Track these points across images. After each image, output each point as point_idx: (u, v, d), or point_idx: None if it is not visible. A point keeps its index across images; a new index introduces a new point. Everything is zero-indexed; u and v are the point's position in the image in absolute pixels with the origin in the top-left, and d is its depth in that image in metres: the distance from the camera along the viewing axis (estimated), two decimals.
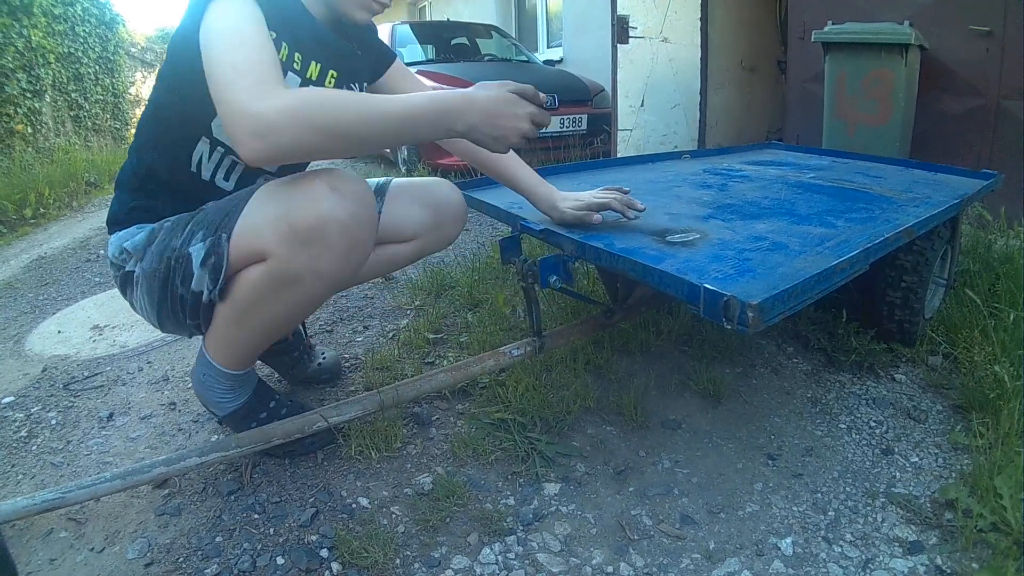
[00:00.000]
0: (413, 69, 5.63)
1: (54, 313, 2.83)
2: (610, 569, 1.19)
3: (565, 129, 5.25)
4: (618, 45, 4.93)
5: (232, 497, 1.36)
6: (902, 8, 3.70)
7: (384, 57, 1.48)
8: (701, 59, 5.43)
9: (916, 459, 1.49)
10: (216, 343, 1.29)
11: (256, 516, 1.31)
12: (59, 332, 2.60)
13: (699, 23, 5.35)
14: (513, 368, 1.71)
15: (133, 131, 6.78)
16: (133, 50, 12.41)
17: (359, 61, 1.39)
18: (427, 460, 1.49)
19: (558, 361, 1.81)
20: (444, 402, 1.72)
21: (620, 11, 4.88)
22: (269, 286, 1.13)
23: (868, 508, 1.33)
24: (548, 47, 8.11)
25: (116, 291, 2.89)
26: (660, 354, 1.94)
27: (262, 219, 1.11)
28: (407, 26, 6.85)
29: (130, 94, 11.58)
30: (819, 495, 1.37)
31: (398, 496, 1.37)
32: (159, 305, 1.25)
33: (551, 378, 1.75)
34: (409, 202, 1.50)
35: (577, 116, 5.29)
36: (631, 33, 4.96)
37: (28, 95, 7.06)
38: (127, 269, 1.27)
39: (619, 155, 5.14)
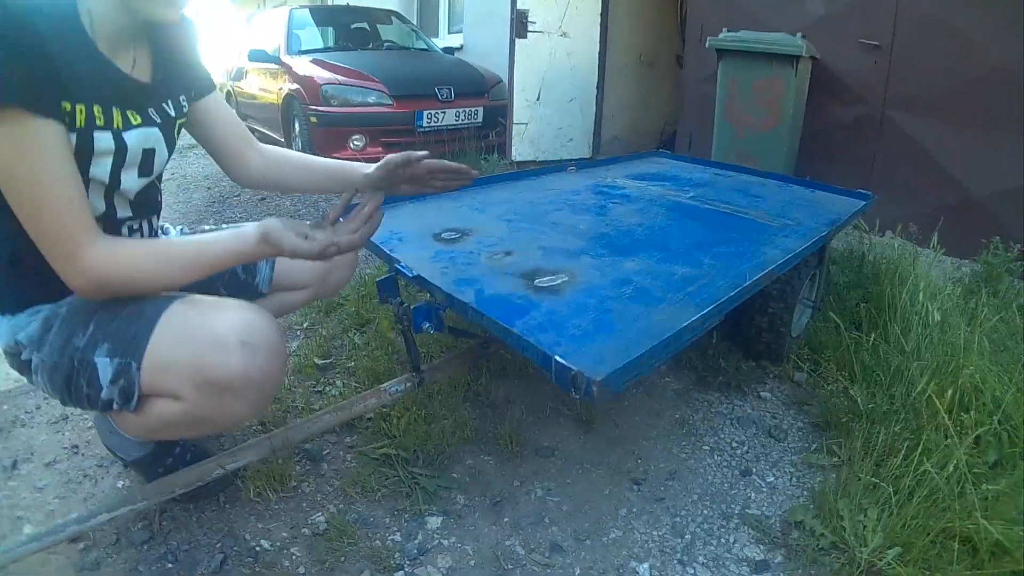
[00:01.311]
0: (309, 56, 5.49)
1: None
2: None
3: (461, 122, 5.20)
4: (516, 39, 4.94)
5: (145, 547, 1.36)
6: (797, 19, 3.86)
7: (204, 86, 1.38)
8: (599, 54, 5.49)
9: (772, 479, 1.58)
10: (126, 426, 1.25)
11: (170, 566, 1.31)
12: None
13: (599, 18, 5.40)
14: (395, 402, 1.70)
15: None
16: None
17: (167, 83, 1.25)
18: (321, 498, 1.50)
19: (439, 391, 1.81)
20: (334, 435, 1.72)
21: (520, 5, 4.89)
22: (182, 421, 1.13)
23: (722, 530, 1.41)
24: (449, 33, 8.00)
25: None
26: (537, 378, 1.96)
27: (173, 360, 1.09)
28: (306, 10, 6.61)
29: None
30: (678, 519, 1.45)
31: (296, 537, 1.39)
32: (62, 394, 1.18)
33: (432, 408, 1.75)
34: None
35: (473, 109, 5.24)
36: (530, 28, 4.98)
37: None
38: (24, 358, 1.18)
39: (514, 148, 5.18)
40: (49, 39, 0.97)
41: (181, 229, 1.54)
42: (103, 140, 1.07)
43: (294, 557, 1.33)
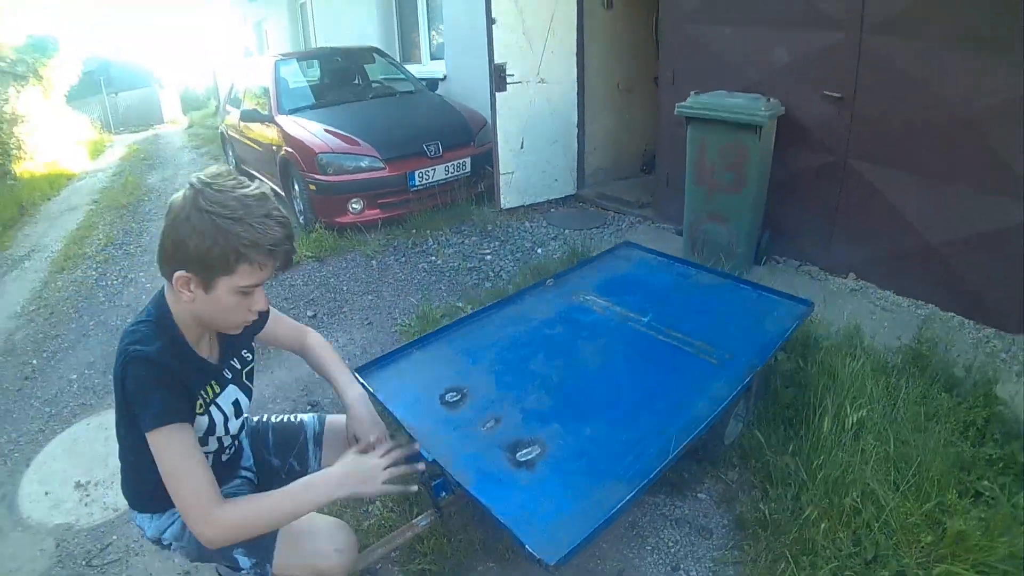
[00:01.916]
0: (300, 115, 6.03)
1: (27, 464, 3.21)
2: None
3: (450, 175, 5.74)
4: (496, 92, 5.46)
5: None
6: (764, 68, 4.31)
7: (259, 328, 1.90)
8: (577, 92, 6.01)
9: (695, 573, 2.15)
10: None
11: None
12: (47, 494, 2.99)
13: (575, 58, 5.90)
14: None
15: (17, 163, 6.96)
16: (2, 64, 11.99)
17: (231, 347, 1.78)
18: None
19: (454, 512, 2.39)
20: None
21: (497, 60, 5.39)
22: None
23: None
24: (431, 59, 8.48)
25: (76, 428, 3.51)
26: None
27: (293, 563, 1.69)
28: (292, 62, 7.15)
29: (5, 112, 11.26)
30: None
31: None
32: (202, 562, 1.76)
33: (451, 526, 2.35)
34: None
35: (461, 160, 5.78)
36: (508, 80, 5.49)
37: None
38: (166, 544, 1.77)
39: (502, 197, 5.74)
40: (176, 366, 1.50)
41: (258, 419, 2.09)
42: (215, 407, 1.66)
43: None
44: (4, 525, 2.82)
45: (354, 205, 5.49)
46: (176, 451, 1.47)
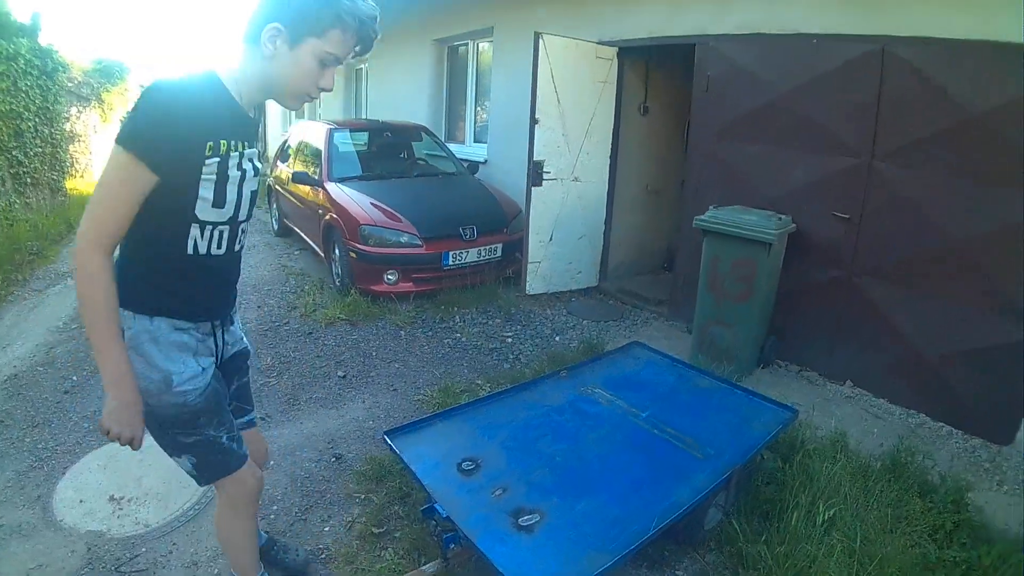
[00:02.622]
0: (348, 185, 6.62)
1: (63, 472, 3.60)
2: None
3: (482, 259, 6.26)
4: (532, 187, 6.02)
5: None
6: (782, 186, 4.82)
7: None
8: (608, 193, 6.61)
9: None
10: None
11: None
12: (81, 502, 3.31)
13: (608, 160, 6.51)
14: None
15: (69, 180, 7.68)
16: (70, 84, 12.71)
17: (255, 127, 2.01)
18: None
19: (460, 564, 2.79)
20: None
21: (536, 157, 5.96)
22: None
23: None
24: (474, 142, 9.15)
25: (113, 447, 3.68)
26: None
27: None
28: (345, 132, 7.84)
29: (64, 131, 12.02)
30: None
31: None
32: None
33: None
34: None
35: (494, 246, 6.31)
36: (545, 176, 6.05)
37: None
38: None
39: (528, 284, 6.27)
40: (211, 105, 1.71)
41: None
42: (232, 159, 1.80)
43: None
44: (38, 524, 3.15)
45: (389, 276, 6.01)
46: (119, 179, 1.67)
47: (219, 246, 1.89)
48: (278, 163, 9.20)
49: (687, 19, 5.48)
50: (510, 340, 5.52)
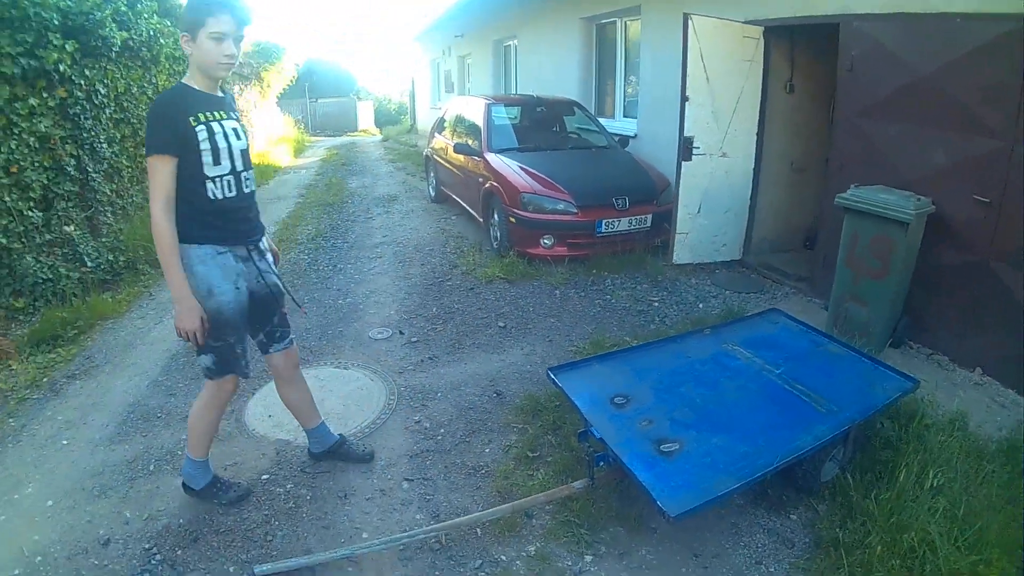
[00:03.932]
0: (507, 156, 7.25)
1: (253, 393, 4.32)
2: None
3: (632, 228, 6.74)
4: (683, 163, 6.42)
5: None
6: (924, 167, 4.90)
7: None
8: (754, 169, 6.88)
9: (773, 569, 2.94)
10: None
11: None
12: (270, 416, 4.01)
13: (755, 137, 6.79)
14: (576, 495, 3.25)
15: None
16: None
17: (229, 103, 2.83)
18: (531, 536, 3.08)
19: (601, 484, 3.31)
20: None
21: (687, 133, 6.35)
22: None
23: None
24: (624, 116, 9.55)
25: None
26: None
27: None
28: (501, 106, 8.47)
29: None
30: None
31: (519, 555, 2.94)
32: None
33: (596, 495, 3.27)
34: None
35: (644, 216, 6.77)
36: (694, 152, 6.43)
37: None
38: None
39: (675, 253, 6.69)
40: (180, 100, 2.62)
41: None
42: (214, 125, 2.67)
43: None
44: (233, 431, 3.88)
45: (545, 241, 6.62)
46: (158, 170, 2.56)
47: (231, 190, 2.74)
48: (435, 135, 9.95)
49: None
50: (656, 304, 6.00)
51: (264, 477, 3.48)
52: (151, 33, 8.45)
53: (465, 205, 8.60)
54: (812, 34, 6.41)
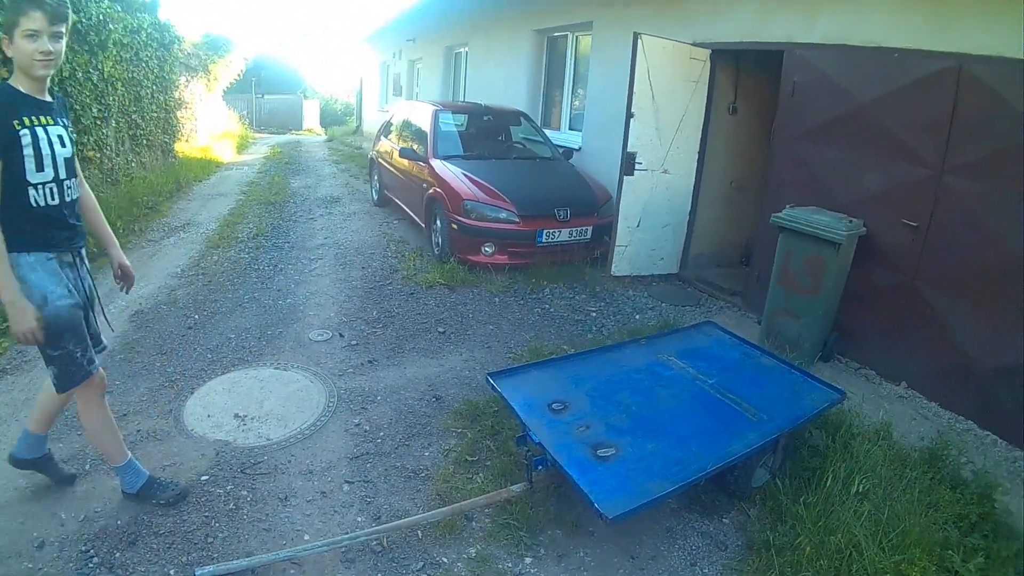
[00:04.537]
0: (452, 163, 7.27)
1: (192, 392, 4.25)
2: None
3: (573, 239, 6.83)
4: (624, 177, 6.53)
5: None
6: (856, 191, 5.15)
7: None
8: (694, 186, 7.08)
9: (707, 571, 3.03)
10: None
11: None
12: (208, 416, 3.95)
13: (697, 155, 6.97)
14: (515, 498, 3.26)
15: (178, 143, 10.49)
16: (181, 56, 14.06)
17: (58, 109, 2.77)
18: (471, 539, 3.09)
19: (540, 489, 3.35)
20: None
21: (630, 148, 6.47)
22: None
23: None
24: (569, 129, 9.67)
25: (235, 375, 4.59)
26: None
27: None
28: (448, 113, 8.48)
29: (176, 97, 13.41)
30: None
31: (458, 559, 2.95)
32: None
33: (534, 498, 3.30)
34: None
35: (584, 228, 6.86)
36: (637, 167, 6.56)
37: (98, 123, 8.54)
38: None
39: (614, 265, 6.81)
40: (8, 100, 2.54)
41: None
42: (39, 130, 2.59)
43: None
44: (171, 431, 3.79)
45: (487, 248, 6.65)
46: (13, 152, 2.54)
47: (53, 198, 2.69)
48: (381, 138, 9.92)
49: (777, 26, 5.87)
50: (594, 314, 6.09)
51: (203, 478, 3.42)
52: (100, 17, 8.28)
53: (408, 210, 8.58)
54: (757, 59, 6.68)
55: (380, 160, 9.80)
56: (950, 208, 4.57)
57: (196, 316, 5.52)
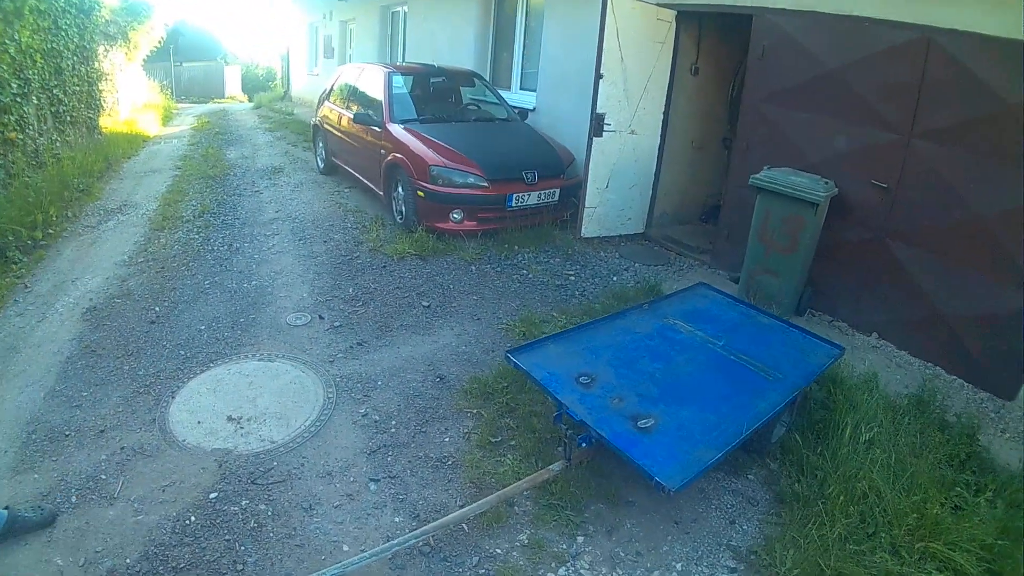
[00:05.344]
0: (410, 126, 7.11)
1: (172, 396, 3.92)
2: None
3: (541, 202, 6.78)
4: (594, 138, 6.52)
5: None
6: (826, 151, 5.32)
7: None
8: (659, 146, 7.13)
9: (746, 527, 3.17)
10: None
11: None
12: (199, 423, 3.63)
13: (662, 116, 7.02)
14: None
15: (102, 118, 9.19)
16: (100, 23, 12.95)
17: None
18: (518, 524, 3.09)
19: (580, 464, 3.36)
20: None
21: (599, 109, 6.45)
22: None
23: (715, 553, 3.02)
24: (520, 89, 9.57)
25: (217, 371, 4.24)
26: (623, 472, 3.53)
27: None
28: (400, 76, 8.19)
29: (95, 69, 12.33)
30: (692, 540, 3.07)
31: (513, 542, 2.96)
32: None
33: (572, 475, 3.31)
34: None
35: (552, 190, 6.82)
36: (605, 128, 6.55)
37: (19, 100, 7.75)
38: None
39: (583, 227, 6.84)
40: None
41: None
42: None
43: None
44: (160, 444, 3.46)
45: (455, 215, 6.54)
46: None
47: None
48: (325, 102, 9.59)
49: None
50: (572, 278, 6.11)
51: (212, 496, 3.14)
52: None
53: (361, 177, 8.33)
54: (719, 21, 6.73)
55: (326, 126, 9.47)
56: (918, 170, 4.80)
57: (157, 308, 5.12)
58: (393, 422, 3.83)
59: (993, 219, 4.42)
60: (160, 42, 19.72)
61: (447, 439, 3.71)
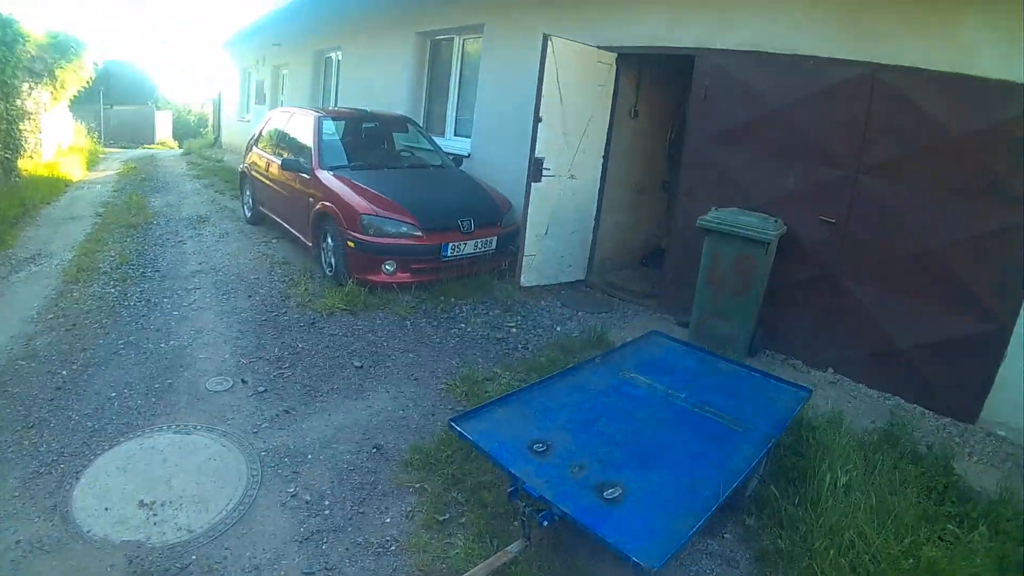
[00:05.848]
0: (341, 174, 6.74)
1: (77, 476, 3.39)
2: None
3: (478, 251, 6.47)
4: (532, 183, 6.26)
5: None
6: (773, 190, 5.24)
7: None
8: (599, 190, 6.93)
9: None
10: None
11: None
12: (107, 509, 3.13)
13: (602, 160, 6.84)
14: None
15: (21, 160, 7.47)
16: (24, 58, 12.24)
17: None
18: None
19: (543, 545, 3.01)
20: None
21: (538, 154, 6.20)
22: None
23: None
24: (455, 135, 9.33)
25: (127, 446, 3.70)
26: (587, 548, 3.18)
27: None
28: (331, 121, 7.85)
29: (16, 107, 11.70)
30: None
31: None
32: None
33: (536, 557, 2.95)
34: None
35: (489, 238, 6.52)
36: (544, 173, 6.30)
37: None
38: None
39: (523, 276, 6.55)
40: None
41: None
42: None
43: None
44: (61, 536, 2.95)
45: (387, 267, 6.14)
46: None
47: None
48: (253, 148, 9.17)
49: (689, 32, 5.85)
50: (514, 331, 5.75)
51: None
52: None
53: (289, 227, 7.89)
54: (659, 63, 6.67)
55: (253, 173, 9.01)
56: (866, 205, 4.82)
57: (64, 372, 4.54)
58: (327, 502, 3.36)
59: (943, 249, 4.45)
60: (89, 82, 18.64)
61: (388, 519, 3.26)
